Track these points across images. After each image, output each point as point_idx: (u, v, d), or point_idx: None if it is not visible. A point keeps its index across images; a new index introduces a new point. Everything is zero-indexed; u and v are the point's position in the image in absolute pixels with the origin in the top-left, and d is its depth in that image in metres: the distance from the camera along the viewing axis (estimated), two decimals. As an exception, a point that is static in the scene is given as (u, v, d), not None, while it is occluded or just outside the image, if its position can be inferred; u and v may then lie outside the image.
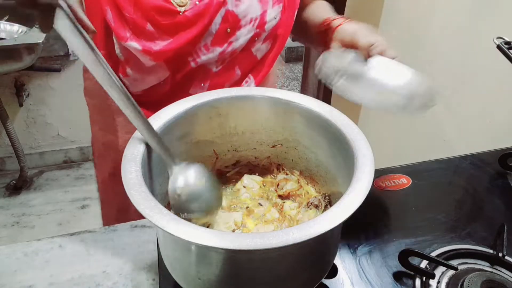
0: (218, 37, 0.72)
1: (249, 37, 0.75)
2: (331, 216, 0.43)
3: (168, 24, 0.68)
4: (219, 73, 0.76)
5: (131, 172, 0.48)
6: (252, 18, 0.73)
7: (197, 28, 0.69)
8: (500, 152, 0.86)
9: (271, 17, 0.75)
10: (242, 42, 0.74)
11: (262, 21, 0.74)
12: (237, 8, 0.71)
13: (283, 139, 0.66)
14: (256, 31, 0.75)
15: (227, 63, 0.76)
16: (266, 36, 0.77)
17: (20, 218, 1.98)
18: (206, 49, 0.72)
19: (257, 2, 0.73)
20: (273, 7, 0.75)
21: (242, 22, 0.72)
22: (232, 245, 0.40)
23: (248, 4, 0.72)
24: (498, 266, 0.64)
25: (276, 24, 0.77)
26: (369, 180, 0.47)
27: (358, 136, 0.54)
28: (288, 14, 0.79)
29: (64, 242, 0.70)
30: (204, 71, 0.75)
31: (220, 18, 0.70)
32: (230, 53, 0.74)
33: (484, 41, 0.92)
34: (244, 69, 0.79)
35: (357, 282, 0.62)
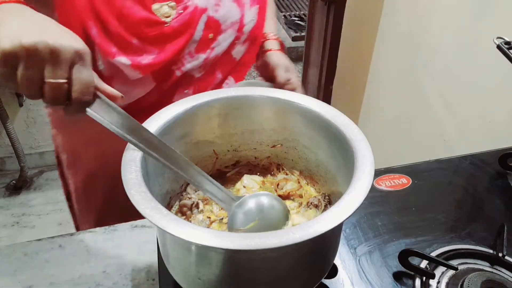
0: (201, 44, 0.73)
1: (230, 41, 0.76)
2: (331, 216, 0.43)
3: (155, 35, 0.68)
4: (202, 78, 0.77)
5: (131, 172, 0.48)
6: (233, 22, 0.75)
7: (183, 38, 0.70)
8: (500, 152, 0.86)
9: (249, 20, 0.77)
10: (224, 46, 0.76)
11: (242, 24, 0.76)
12: (217, 13, 0.72)
13: (283, 139, 0.66)
14: (236, 34, 0.76)
15: (209, 68, 0.77)
16: (246, 38, 0.79)
17: (20, 218, 1.98)
18: (191, 56, 0.73)
19: (235, 6, 0.74)
20: (251, 9, 0.77)
21: (223, 27, 0.74)
22: (232, 245, 0.40)
23: (228, 8, 0.73)
24: (498, 266, 0.64)
25: (253, 26, 0.79)
26: (369, 180, 0.47)
27: (358, 136, 0.54)
28: (262, 14, 0.81)
29: (64, 242, 0.70)
30: (188, 78, 0.75)
31: (202, 24, 0.71)
32: (213, 58, 0.75)
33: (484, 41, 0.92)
34: (225, 71, 0.80)
35: (357, 282, 0.62)
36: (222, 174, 0.69)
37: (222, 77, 0.80)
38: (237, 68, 0.82)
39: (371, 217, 0.73)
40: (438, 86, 1.38)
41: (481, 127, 1.23)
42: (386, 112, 1.72)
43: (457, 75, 1.29)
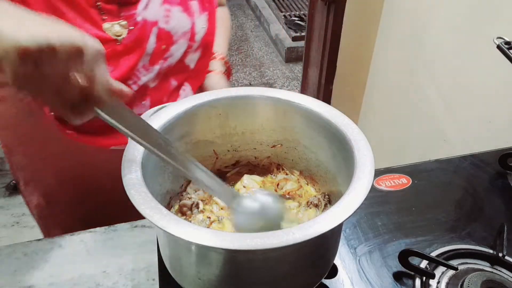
0: (155, 56, 0.73)
1: (183, 50, 0.76)
2: (331, 216, 0.43)
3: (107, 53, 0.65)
4: (157, 88, 0.77)
5: (131, 172, 0.48)
6: (184, 32, 0.75)
7: (136, 53, 0.70)
8: (500, 152, 0.86)
9: (199, 28, 0.77)
10: (177, 56, 0.76)
11: (193, 33, 0.76)
12: (168, 25, 0.72)
13: (283, 139, 0.66)
14: (189, 43, 0.76)
15: (163, 77, 0.77)
16: (198, 46, 0.79)
17: (20, 218, 1.98)
18: (146, 69, 0.73)
19: (185, 17, 0.74)
20: (200, 17, 0.77)
21: (174, 38, 0.74)
22: (232, 245, 0.40)
23: (178, 19, 0.73)
24: (498, 266, 0.64)
25: (205, 33, 0.79)
26: (369, 180, 0.47)
27: (358, 136, 0.54)
28: (212, 20, 0.81)
29: (64, 242, 0.70)
30: (143, 90, 0.75)
31: (154, 37, 0.71)
32: (166, 68, 0.75)
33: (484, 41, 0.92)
34: (179, 79, 0.80)
35: (357, 282, 0.62)
36: (222, 174, 0.70)
37: (178, 84, 0.80)
38: (192, 75, 0.82)
39: (371, 217, 0.73)
40: (438, 86, 1.38)
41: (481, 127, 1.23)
42: (386, 112, 1.72)
43: (457, 75, 1.29)
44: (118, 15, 0.67)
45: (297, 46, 3.26)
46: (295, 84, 3.10)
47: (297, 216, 0.61)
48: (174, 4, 0.72)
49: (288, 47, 3.29)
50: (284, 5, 3.75)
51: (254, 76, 3.18)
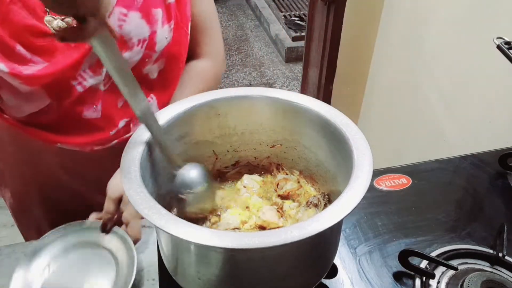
0: None
1: (137, 58, 0.72)
2: (329, 214, 0.43)
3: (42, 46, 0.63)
4: (109, 91, 0.73)
5: (130, 173, 0.48)
6: (140, 39, 0.70)
7: (78, 52, 0.65)
8: (500, 152, 0.86)
9: (161, 37, 0.72)
10: (130, 63, 0.71)
11: (152, 42, 0.72)
12: (121, 29, 0.68)
13: (282, 139, 0.66)
14: (146, 52, 0.72)
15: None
16: (158, 57, 0.74)
17: (20, 218, 1.98)
18: (92, 71, 0.69)
19: (144, 23, 0.70)
20: (163, 27, 0.72)
21: (128, 44, 0.69)
22: (231, 244, 0.40)
23: (134, 25, 0.69)
24: (498, 266, 0.64)
25: (168, 43, 0.74)
26: (368, 178, 0.47)
27: (357, 135, 0.54)
28: (180, 30, 0.76)
29: (63, 242, 0.70)
30: (93, 93, 0.71)
31: None
32: None
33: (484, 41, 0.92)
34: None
35: (357, 282, 0.62)
36: (222, 174, 0.69)
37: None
38: (156, 87, 0.78)
39: (371, 217, 0.73)
40: (438, 86, 1.38)
41: (481, 127, 1.23)
42: (386, 112, 1.72)
43: (457, 75, 1.29)
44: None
45: (297, 46, 3.27)
46: (295, 84, 3.10)
47: (296, 215, 0.61)
48: (132, 9, 0.68)
49: (288, 47, 3.29)
50: (284, 5, 3.75)
51: (254, 76, 3.18)
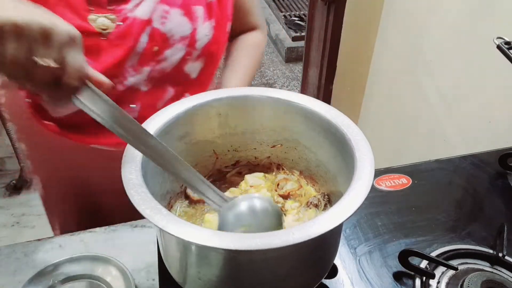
0: (144, 57, 0.69)
1: (179, 56, 0.72)
2: (331, 216, 0.43)
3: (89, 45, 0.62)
4: (149, 92, 0.73)
5: (131, 173, 0.48)
6: (182, 36, 0.70)
7: (122, 50, 0.66)
8: (500, 152, 0.86)
9: (202, 35, 0.73)
10: (172, 61, 0.72)
11: (193, 39, 0.72)
12: (163, 26, 0.68)
13: (283, 139, 0.66)
14: (187, 50, 0.72)
15: (157, 82, 0.73)
16: (199, 54, 0.75)
17: (20, 218, 1.98)
18: (134, 69, 0.69)
19: (186, 21, 0.70)
20: (204, 24, 0.72)
21: (170, 41, 0.70)
22: (232, 245, 0.40)
23: (176, 22, 0.69)
24: (498, 266, 0.64)
25: (208, 41, 0.74)
26: (369, 180, 0.47)
27: (358, 136, 0.54)
28: (220, 30, 0.76)
29: (64, 242, 0.70)
30: (133, 92, 0.72)
31: (146, 37, 0.67)
32: (158, 72, 0.72)
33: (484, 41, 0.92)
34: (178, 87, 0.76)
35: (357, 282, 0.62)
36: (222, 174, 0.70)
37: (175, 93, 0.76)
38: (194, 86, 0.78)
39: (371, 217, 0.73)
40: (438, 86, 1.38)
41: (481, 127, 1.23)
42: (386, 112, 1.72)
43: (457, 75, 1.29)
44: (106, 8, 0.64)
45: (297, 46, 3.26)
46: (295, 84, 3.10)
47: (297, 215, 0.61)
48: (174, 6, 0.69)
49: (288, 47, 3.29)
50: (284, 5, 3.75)
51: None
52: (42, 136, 0.77)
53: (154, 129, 0.55)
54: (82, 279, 0.64)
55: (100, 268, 0.64)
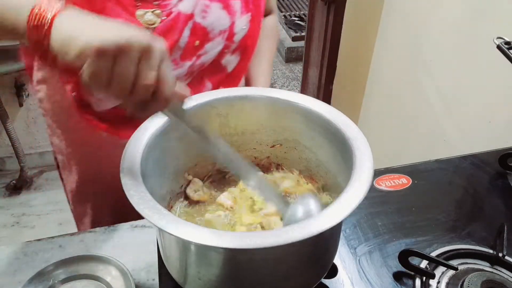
0: (186, 51, 0.70)
1: (218, 49, 0.73)
2: (330, 214, 0.43)
3: None
4: (188, 86, 0.73)
5: (131, 173, 0.48)
6: (221, 30, 0.72)
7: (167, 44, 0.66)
8: (500, 152, 0.86)
9: (239, 28, 0.74)
10: (212, 55, 0.73)
11: (231, 32, 0.73)
12: (204, 20, 0.69)
13: (282, 139, 0.66)
14: (226, 43, 0.73)
15: (196, 76, 0.75)
16: (236, 48, 0.76)
17: (20, 218, 1.98)
18: (176, 64, 0.70)
19: (225, 14, 0.71)
20: (241, 18, 0.74)
21: (210, 35, 0.71)
22: (231, 244, 0.40)
23: (216, 16, 0.70)
24: (498, 266, 0.64)
25: (244, 35, 0.76)
26: (368, 178, 0.47)
27: (357, 135, 0.54)
28: (255, 23, 0.78)
29: (64, 242, 0.70)
30: None
31: (188, 31, 0.68)
32: (198, 66, 0.73)
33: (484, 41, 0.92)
34: (214, 81, 0.78)
35: (357, 282, 0.62)
36: (222, 174, 0.69)
37: (213, 87, 0.78)
38: (228, 80, 0.80)
39: (371, 217, 0.73)
40: (438, 86, 1.38)
41: (481, 127, 1.23)
42: (386, 112, 1.72)
43: (457, 75, 1.29)
44: (152, 3, 0.66)
45: (297, 46, 3.26)
46: (295, 84, 3.10)
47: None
48: (213, 0, 0.70)
49: (288, 47, 3.29)
50: (284, 5, 3.75)
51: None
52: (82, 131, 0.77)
53: (155, 129, 0.55)
54: (82, 279, 0.64)
55: (100, 268, 0.64)
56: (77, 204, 0.92)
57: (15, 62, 1.60)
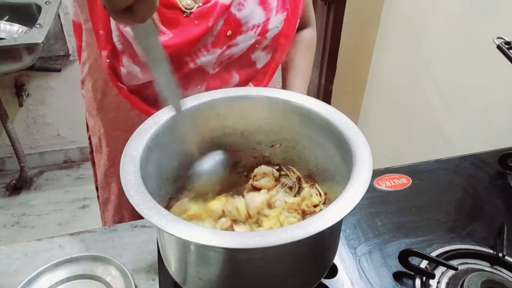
0: (218, 39, 0.72)
1: (250, 43, 0.74)
2: (330, 214, 0.43)
3: (171, 18, 0.67)
4: (216, 75, 0.76)
5: (130, 173, 0.48)
6: (255, 24, 0.73)
7: (200, 29, 0.69)
8: (500, 152, 0.86)
9: (273, 26, 0.75)
10: (242, 48, 0.74)
11: (265, 28, 0.74)
12: (240, 13, 0.71)
13: (281, 139, 0.66)
14: (258, 38, 0.75)
15: (224, 66, 0.76)
16: (267, 45, 0.77)
17: (20, 218, 1.98)
18: (206, 50, 0.72)
19: (261, 10, 0.73)
20: (277, 16, 0.75)
21: (243, 28, 0.72)
22: (231, 244, 0.40)
23: (252, 10, 0.72)
24: (498, 266, 0.64)
25: (278, 33, 0.77)
26: (368, 177, 0.47)
27: (356, 134, 0.54)
28: (290, 24, 0.79)
29: (64, 242, 0.70)
30: (201, 73, 0.74)
31: (222, 20, 0.70)
32: (228, 56, 0.74)
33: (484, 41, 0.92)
34: (242, 74, 0.79)
35: (357, 282, 0.62)
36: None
37: (240, 80, 0.79)
38: (259, 77, 0.82)
39: (371, 217, 0.73)
40: (438, 86, 1.38)
41: (481, 127, 1.23)
42: (386, 112, 1.72)
43: (457, 75, 1.29)
44: None
45: (297, 46, 3.26)
46: (295, 84, 3.10)
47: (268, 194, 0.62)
48: None
49: (288, 47, 3.28)
50: (284, 5, 3.74)
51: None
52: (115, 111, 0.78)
53: (153, 130, 0.55)
54: (82, 279, 0.64)
55: (100, 268, 0.64)
56: (104, 189, 0.93)
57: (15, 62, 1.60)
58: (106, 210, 0.94)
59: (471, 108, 1.26)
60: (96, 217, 1.03)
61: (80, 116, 0.96)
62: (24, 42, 1.52)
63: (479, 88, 1.22)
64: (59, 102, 2.09)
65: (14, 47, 1.52)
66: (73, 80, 2.02)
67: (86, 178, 2.22)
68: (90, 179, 2.35)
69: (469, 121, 1.28)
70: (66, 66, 2.01)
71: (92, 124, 0.86)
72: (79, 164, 2.31)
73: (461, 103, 1.30)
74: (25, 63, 1.61)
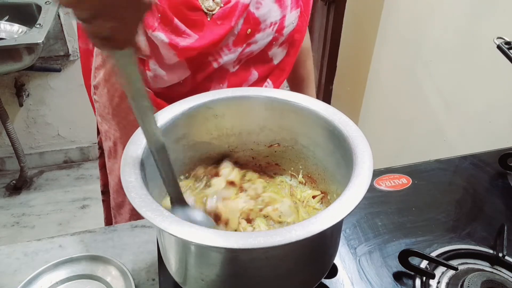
0: (239, 38, 0.73)
1: (267, 40, 0.76)
2: (332, 213, 0.43)
3: (195, 20, 0.69)
4: (236, 73, 0.78)
5: (131, 176, 0.48)
6: (272, 22, 0.75)
7: (222, 30, 0.71)
8: (500, 152, 0.86)
9: (289, 22, 0.77)
10: (260, 45, 0.76)
11: (281, 25, 0.76)
12: (258, 11, 0.73)
13: (280, 139, 0.66)
14: (275, 35, 0.76)
15: (244, 63, 0.78)
16: (283, 41, 0.79)
17: (20, 218, 1.98)
18: (228, 49, 0.74)
19: (277, 7, 0.74)
20: (291, 12, 0.77)
21: (262, 26, 0.74)
22: (236, 244, 0.40)
23: (269, 8, 0.73)
24: (498, 266, 0.64)
25: (293, 29, 0.79)
26: (369, 176, 0.47)
27: (356, 133, 0.54)
28: (303, 19, 0.81)
29: (64, 242, 0.70)
30: (222, 72, 0.76)
31: (242, 20, 0.72)
32: (247, 54, 0.76)
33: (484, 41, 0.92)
34: (260, 71, 0.81)
35: (357, 282, 0.62)
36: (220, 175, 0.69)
37: (259, 76, 0.81)
38: (275, 73, 0.84)
39: (371, 217, 0.73)
40: (438, 86, 1.38)
41: (481, 127, 1.23)
42: (386, 112, 1.72)
43: (457, 75, 1.29)
44: None
45: (297, 46, 3.26)
46: (295, 84, 3.10)
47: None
48: None
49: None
50: (284, 5, 3.74)
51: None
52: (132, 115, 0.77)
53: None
54: (82, 279, 0.64)
55: (100, 268, 0.64)
56: (118, 193, 0.93)
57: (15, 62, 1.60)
58: (119, 214, 0.94)
59: (471, 108, 1.26)
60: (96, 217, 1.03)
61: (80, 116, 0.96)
62: (24, 42, 1.52)
63: (479, 88, 1.22)
64: (59, 102, 2.09)
65: (14, 47, 1.52)
66: (73, 80, 2.02)
67: (86, 178, 2.22)
68: (90, 179, 2.35)
69: (469, 121, 1.28)
70: (66, 66, 2.01)
71: (106, 129, 0.86)
72: (79, 164, 2.31)
73: (461, 103, 1.30)
74: (25, 63, 1.61)
